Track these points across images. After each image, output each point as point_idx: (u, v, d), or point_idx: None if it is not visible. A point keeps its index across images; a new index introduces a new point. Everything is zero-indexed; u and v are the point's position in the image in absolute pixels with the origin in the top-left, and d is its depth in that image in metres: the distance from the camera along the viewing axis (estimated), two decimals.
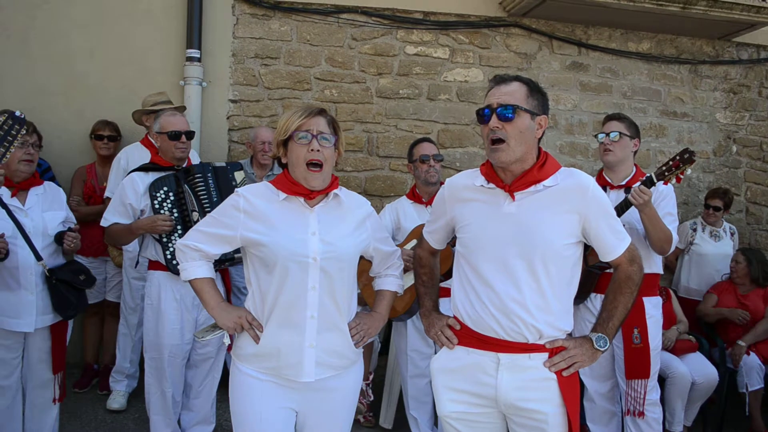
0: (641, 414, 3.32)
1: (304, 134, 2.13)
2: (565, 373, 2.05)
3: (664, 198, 3.28)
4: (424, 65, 5.29)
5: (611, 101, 5.64)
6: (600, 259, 2.19)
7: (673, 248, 3.26)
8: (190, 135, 3.45)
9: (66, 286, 3.04)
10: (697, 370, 4.09)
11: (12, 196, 2.99)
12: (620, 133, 3.39)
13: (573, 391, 2.07)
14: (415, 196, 3.77)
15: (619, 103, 5.64)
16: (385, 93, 5.23)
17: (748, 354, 4.32)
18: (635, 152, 3.50)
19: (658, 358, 3.39)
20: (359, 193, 5.10)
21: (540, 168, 2.06)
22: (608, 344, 2.10)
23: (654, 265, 3.37)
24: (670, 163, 3.09)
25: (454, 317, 2.21)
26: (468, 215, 2.15)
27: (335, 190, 2.23)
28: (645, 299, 3.30)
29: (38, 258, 2.97)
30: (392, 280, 2.48)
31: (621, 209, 3.19)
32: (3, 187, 2.94)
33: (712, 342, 4.58)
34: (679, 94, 5.81)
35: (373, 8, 5.15)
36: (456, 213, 2.20)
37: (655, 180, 3.11)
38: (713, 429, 4.40)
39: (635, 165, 3.48)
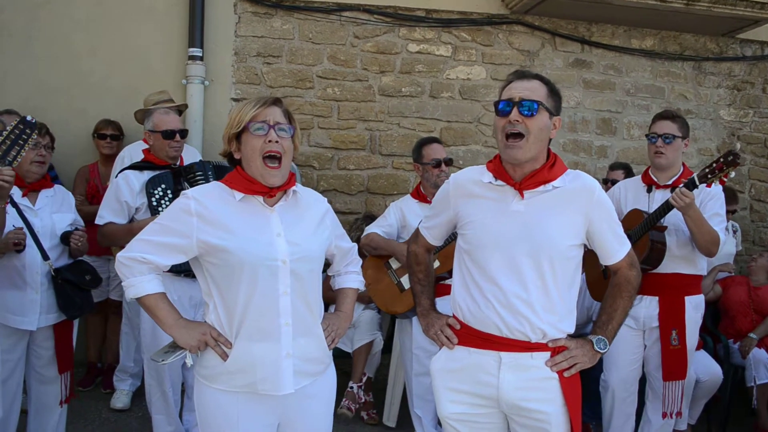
0: (679, 414, 3.32)
1: (260, 125, 1.97)
2: (566, 374, 2.04)
3: (712, 198, 3.21)
4: (426, 63, 5.28)
5: (614, 98, 5.62)
6: (601, 263, 2.19)
7: (721, 249, 3.20)
8: (183, 133, 3.44)
9: (71, 286, 3.04)
10: (702, 368, 4.07)
11: (23, 196, 3.03)
12: (674, 135, 3.26)
13: (574, 390, 2.06)
14: (420, 196, 3.76)
15: (622, 101, 5.63)
16: (388, 91, 5.22)
17: (759, 347, 4.31)
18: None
19: (693, 357, 3.37)
20: (362, 191, 5.19)
21: (550, 168, 2.06)
22: (608, 346, 2.10)
23: (698, 266, 3.34)
24: (714, 165, 2.98)
25: (454, 316, 2.19)
26: (473, 211, 2.12)
27: (293, 187, 2.08)
28: (687, 299, 3.28)
29: (45, 257, 2.99)
30: (353, 277, 2.37)
31: (663, 211, 3.13)
32: (14, 187, 2.97)
33: (716, 339, 4.57)
34: (682, 91, 5.78)
35: (376, 6, 5.14)
36: (461, 209, 2.17)
37: (697, 182, 3.00)
38: (718, 426, 4.39)
39: (683, 163, 3.40)
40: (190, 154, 3.93)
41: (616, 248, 2.12)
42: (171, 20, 4.86)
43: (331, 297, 2.36)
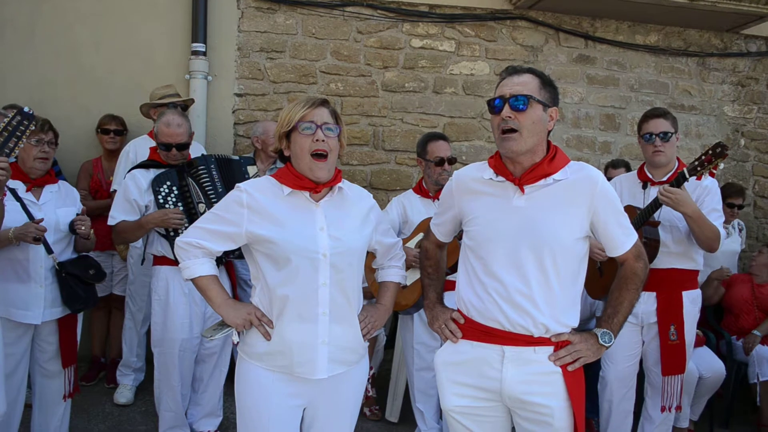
0: (678, 408, 3.31)
1: (308, 125, 2.09)
2: (570, 368, 2.03)
3: (709, 194, 3.21)
4: (429, 58, 5.27)
5: (618, 94, 5.61)
6: (606, 255, 2.18)
7: (726, 247, 3.18)
8: (181, 147, 3.38)
9: (75, 280, 3.05)
10: (705, 364, 4.07)
11: (27, 191, 3.04)
12: (671, 132, 3.28)
13: (578, 385, 2.06)
14: (422, 191, 3.75)
15: (626, 96, 5.62)
16: (391, 86, 5.22)
17: (763, 344, 4.30)
18: None
19: (691, 352, 3.37)
20: (365, 186, 5.14)
21: (550, 161, 2.05)
22: (613, 340, 2.08)
23: (695, 261, 3.33)
24: (703, 157, 3.00)
25: (458, 310, 2.20)
26: (476, 208, 2.13)
27: (339, 184, 2.21)
28: (684, 293, 3.28)
29: (49, 251, 2.99)
30: (396, 271, 2.46)
31: (653, 207, 3.14)
32: (18, 182, 3.00)
33: (719, 336, 4.56)
34: (686, 87, 5.77)
35: (379, 1, 5.14)
36: (464, 206, 2.18)
37: (687, 176, 3.03)
38: (720, 423, 4.39)
39: (677, 158, 3.40)
40: (195, 149, 3.94)
41: (622, 240, 2.10)
42: (174, 15, 4.85)
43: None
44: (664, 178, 3.31)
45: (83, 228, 3.05)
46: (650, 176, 3.38)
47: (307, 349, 2.11)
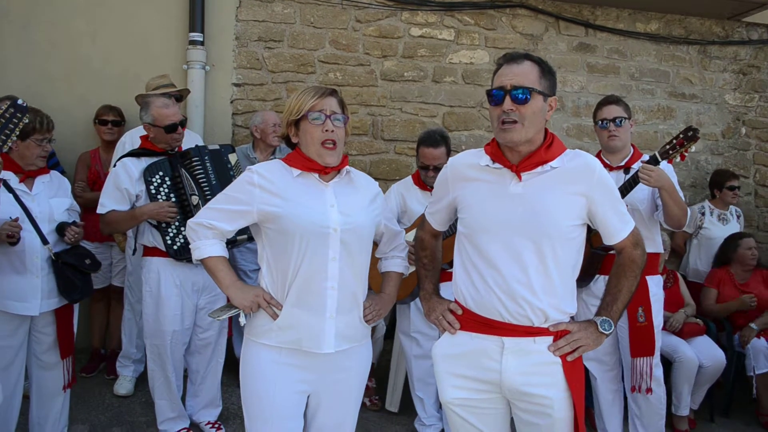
0: (649, 390, 3.34)
1: (318, 115, 2.15)
2: (569, 358, 2.03)
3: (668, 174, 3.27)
4: (429, 47, 5.23)
5: (619, 83, 5.58)
6: (604, 242, 2.17)
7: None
8: (184, 123, 3.42)
9: (71, 269, 3.04)
10: (705, 353, 4.08)
11: (20, 182, 3.02)
12: (624, 117, 3.39)
13: (578, 375, 2.05)
14: (420, 183, 3.74)
15: (626, 85, 5.58)
16: (390, 76, 5.18)
17: (759, 337, 4.30)
18: None
19: (660, 334, 3.41)
20: None
21: (547, 149, 2.03)
22: (612, 327, 2.08)
23: (655, 244, 3.41)
24: (674, 141, 3.09)
25: (456, 301, 2.18)
26: (471, 195, 2.11)
27: (346, 167, 2.27)
28: (648, 278, 3.32)
29: (44, 242, 2.98)
30: (398, 261, 2.49)
31: (626, 189, 3.19)
32: (10, 173, 2.97)
33: (719, 325, 4.56)
34: (687, 75, 5.74)
35: None
36: (459, 193, 2.16)
37: (659, 158, 3.11)
38: (720, 412, 4.40)
39: (632, 144, 3.50)
40: (192, 140, 3.91)
41: (619, 227, 2.09)
42: (171, 5, 4.81)
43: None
44: (622, 163, 3.41)
45: (72, 239, 3.05)
46: (608, 162, 3.46)
47: (315, 324, 2.15)
